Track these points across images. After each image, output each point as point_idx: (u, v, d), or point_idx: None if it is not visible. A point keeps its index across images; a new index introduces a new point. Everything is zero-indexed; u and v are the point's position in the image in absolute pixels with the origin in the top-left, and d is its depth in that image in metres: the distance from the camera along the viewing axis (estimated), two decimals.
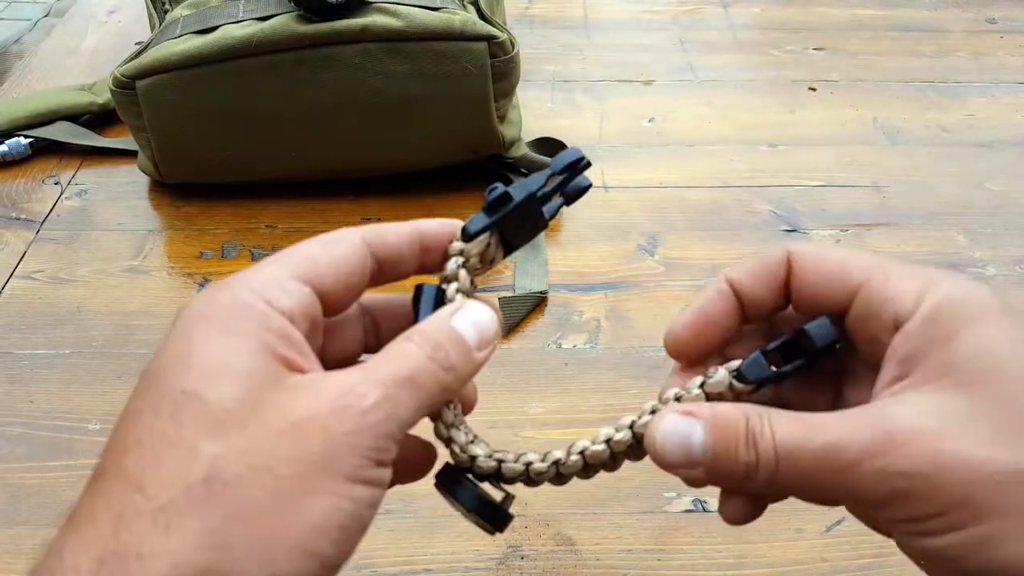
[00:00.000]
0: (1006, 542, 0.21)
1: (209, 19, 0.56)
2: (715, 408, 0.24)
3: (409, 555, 0.38)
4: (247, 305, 0.23)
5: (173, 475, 0.20)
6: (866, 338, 0.25)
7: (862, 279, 0.25)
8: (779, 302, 0.27)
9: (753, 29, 0.85)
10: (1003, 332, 0.23)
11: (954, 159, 0.66)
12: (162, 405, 0.22)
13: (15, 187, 0.61)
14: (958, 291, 0.23)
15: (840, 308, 0.25)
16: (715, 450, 0.24)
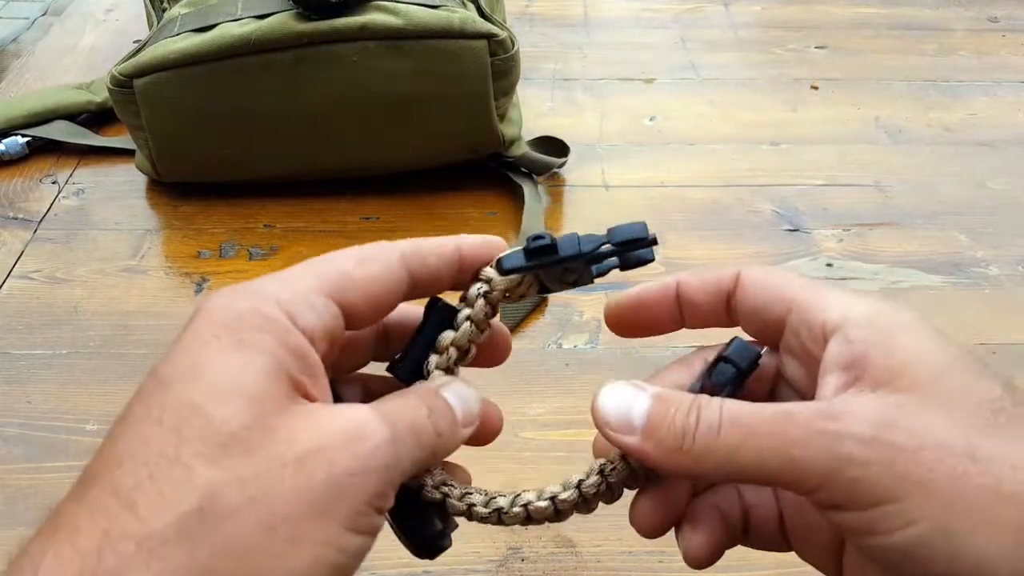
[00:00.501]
0: (973, 535, 0.20)
1: (207, 17, 0.55)
2: (665, 388, 0.25)
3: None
4: (268, 319, 0.22)
5: (167, 499, 0.19)
6: (799, 350, 0.25)
7: (796, 295, 0.25)
8: (720, 315, 0.27)
9: (755, 27, 0.84)
10: (935, 340, 0.23)
11: (956, 158, 0.66)
12: (164, 416, 0.21)
13: (12, 186, 0.61)
14: (885, 304, 0.24)
15: (778, 321, 0.26)
16: (654, 414, 0.23)
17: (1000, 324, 0.51)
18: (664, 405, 0.23)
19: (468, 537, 0.39)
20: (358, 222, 0.58)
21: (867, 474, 0.21)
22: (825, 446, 0.21)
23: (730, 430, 0.22)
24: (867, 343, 0.23)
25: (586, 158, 0.64)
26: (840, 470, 0.21)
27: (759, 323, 0.27)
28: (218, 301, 0.23)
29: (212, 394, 0.21)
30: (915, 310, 0.24)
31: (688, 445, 0.23)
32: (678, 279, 0.28)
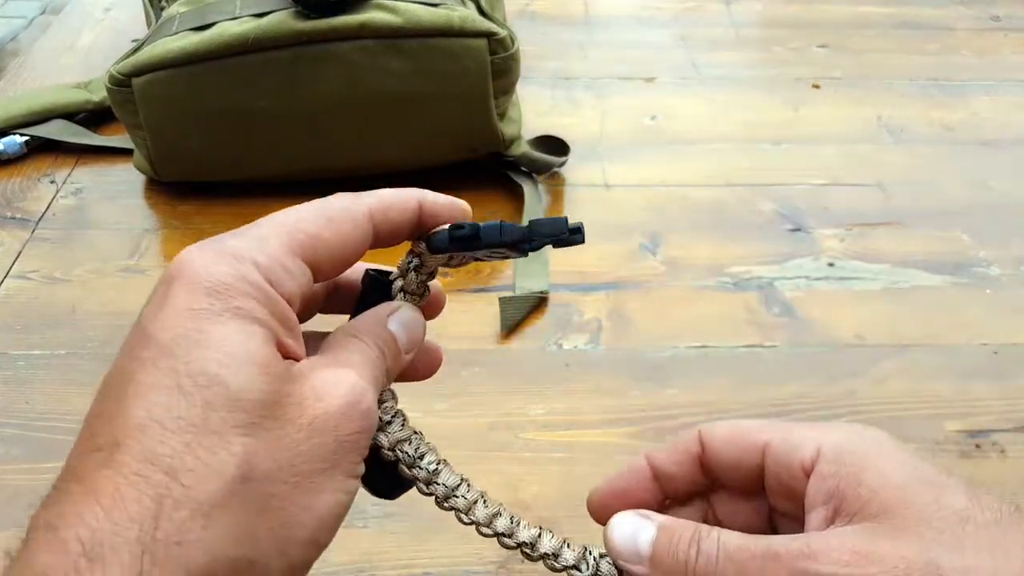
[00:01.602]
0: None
1: (206, 16, 0.55)
2: (670, 517, 0.27)
3: (408, 558, 0.38)
4: (255, 286, 0.23)
5: (209, 468, 0.21)
6: (784, 492, 0.27)
7: (766, 439, 0.27)
8: (697, 480, 0.29)
9: (756, 26, 0.84)
10: (899, 459, 0.25)
11: (958, 158, 0.66)
12: (181, 384, 0.21)
13: (10, 186, 0.61)
14: (853, 432, 0.27)
15: (755, 469, 0.28)
16: (658, 545, 0.26)
17: (1001, 324, 0.51)
18: (668, 535, 0.26)
19: (469, 538, 0.38)
20: None
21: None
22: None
23: (725, 564, 0.25)
24: (838, 476, 0.25)
25: (586, 157, 0.64)
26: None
27: (736, 477, 0.28)
28: (197, 263, 0.23)
29: (226, 364, 0.22)
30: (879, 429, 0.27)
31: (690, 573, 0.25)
32: (646, 456, 0.29)
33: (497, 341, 0.49)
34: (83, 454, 0.21)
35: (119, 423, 0.21)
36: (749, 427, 0.28)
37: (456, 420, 0.44)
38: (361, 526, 0.39)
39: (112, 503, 0.20)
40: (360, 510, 0.39)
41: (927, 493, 0.24)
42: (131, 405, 0.21)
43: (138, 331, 0.23)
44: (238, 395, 0.21)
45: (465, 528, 0.39)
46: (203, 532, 0.20)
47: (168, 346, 0.22)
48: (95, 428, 0.22)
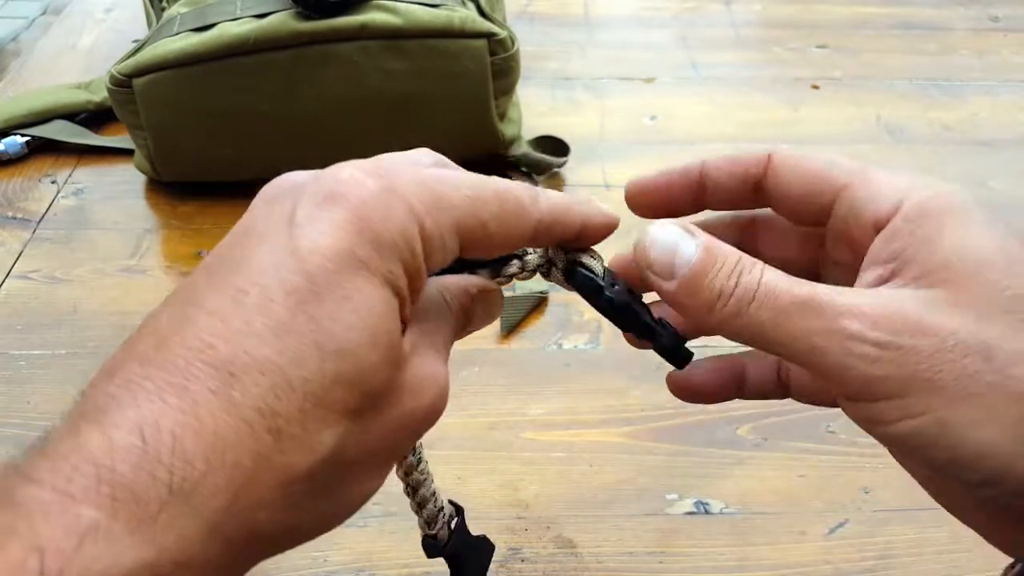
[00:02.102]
0: (973, 428, 0.21)
1: (207, 16, 0.55)
2: (717, 240, 0.24)
3: (408, 558, 0.38)
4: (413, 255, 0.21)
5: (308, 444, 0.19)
6: (847, 243, 0.25)
7: (845, 182, 0.25)
8: (748, 197, 0.27)
9: (755, 26, 0.84)
10: (984, 230, 0.23)
11: (957, 158, 0.66)
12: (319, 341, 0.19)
13: (11, 186, 0.61)
14: (939, 192, 0.23)
15: (822, 210, 0.25)
16: (697, 265, 0.23)
17: None
18: (710, 259, 0.23)
19: None
20: None
21: (877, 373, 0.21)
22: (842, 343, 0.21)
23: (762, 304, 0.22)
24: (912, 238, 0.23)
25: (586, 157, 0.64)
26: (853, 367, 0.21)
27: (796, 209, 0.26)
28: (367, 196, 0.21)
29: (365, 342, 0.20)
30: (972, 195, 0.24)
31: (720, 307, 0.23)
32: (704, 161, 0.27)
33: (497, 341, 0.49)
34: (189, 355, 0.19)
35: (240, 347, 0.19)
36: (825, 164, 0.25)
37: (456, 420, 0.44)
38: (361, 526, 0.39)
39: (213, 443, 0.18)
40: (361, 510, 0.39)
41: (1002, 269, 0.22)
42: (259, 334, 0.19)
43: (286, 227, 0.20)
44: (361, 378, 0.20)
45: None
46: (279, 502, 0.19)
47: (317, 287, 0.19)
48: (206, 322, 0.19)
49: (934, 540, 0.38)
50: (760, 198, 0.27)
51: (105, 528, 0.17)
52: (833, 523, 0.40)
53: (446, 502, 0.31)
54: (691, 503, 0.40)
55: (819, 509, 0.40)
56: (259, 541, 0.20)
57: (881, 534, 0.39)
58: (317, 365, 0.19)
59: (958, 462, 0.21)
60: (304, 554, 0.38)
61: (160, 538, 0.17)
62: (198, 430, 0.18)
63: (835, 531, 0.39)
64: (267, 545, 0.20)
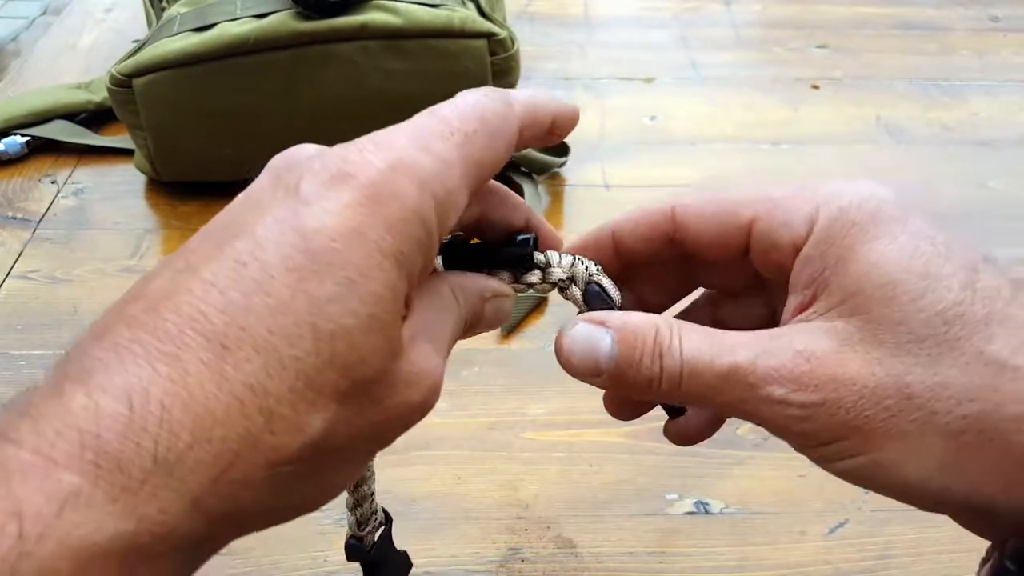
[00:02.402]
0: (903, 465, 0.22)
1: (207, 16, 0.55)
2: (626, 318, 0.24)
3: None
4: (427, 231, 0.20)
5: (297, 425, 0.19)
6: (774, 269, 0.25)
7: (751, 216, 0.25)
8: (664, 252, 0.27)
9: (755, 26, 0.84)
10: (900, 241, 0.22)
11: (957, 158, 0.66)
12: (316, 323, 0.19)
13: (11, 186, 0.61)
14: (851, 202, 0.23)
15: (739, 248, 0.25)
16: (620, 359, 0.23)
17: None
18: (628, 351, 0.23)
19: (468, 538, 0.39)
20: None
21: (808, 428, 0.22)
22: (771, 408, 0.23)
23: (692, 382, 0.23)
24: (823, 261, 0.23)
25: (586, 157, 0.64)
26: (786, 426, 0.23)
27: (714, 253, 0.26)
28: (377, 175, 0.20)
29: (364, 324, 0.19)
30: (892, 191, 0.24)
31: (656, 388, 0.23)
32: (612, 229, 0.27)
33: (497, 341, 0.49)
34: (183, 324, 0.18)
35: (234, 321, 0.18)
36: (731, 202, 0.25)
37: (456, 420, 0.44)
38: None
39: (201, 417, 0.18)
40: None
41: (915, 288, 0.22)
42: (255, 310, 0.19)
43: (291, 203, 0.20)
44: (355, 364, 0.19)
45: (465, 528, 0.40)
46: (264, 482, 0.19)
47: (319, 267, 0.19)
48: (202, 292, 0.19)
49: (934, 540, 0.38)
50: (677, 249, 0.27)
51: (87, 495, 0.17)
52: (833, 523, 0.40)
53: (380, 508, 0.31)
54: (691, 503, 0.40)
55: (819, 509, 0.40)
56: (240, 518, 0.19)
57: (881, 534, 0.39)
58: (312, 346, 0.19)
59: (901, 492, 0.23)
60: (304, 554, 0.38)
61: (141, 509, 0.17)
62: (187, 402, 0.18)
63: (835, 531, 0.39)
64: (247, 523, 0.20)
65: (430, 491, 0.41)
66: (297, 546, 0.38)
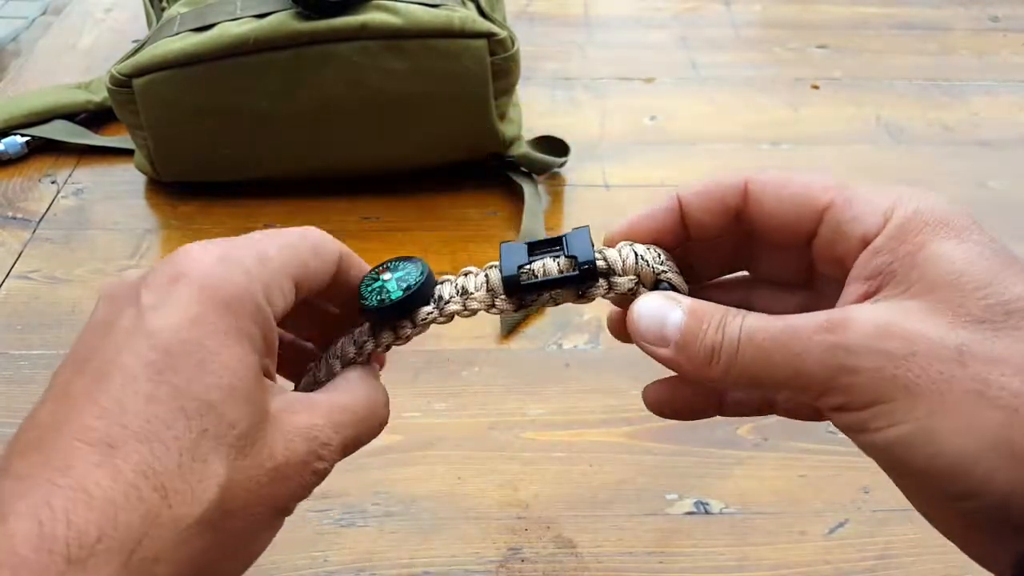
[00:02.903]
0: (952, 437, 0.21)
1: (206, 16, 0.55)
2: (699, 301, 0.25)
3: (408, 558, 0.38)
4: (257, 307, 0.24)
5: (194, 493, 0.21)
6: (834, 261, 0.25)
7: (827, 201, 0.25)
8: (729, 227, 0.27)
9: (755, 26, 0.84)
10: (964, 243, 0.23)
11: (957, 158, 0.66)
12: (184, 406, 0.22)
13: (11, 186, 0.61)
14: (925, 206, 0.24)
15: (807, 233, 0.25)
16: (687, 329, 0.24)
17: None
18: (696, 320, 0.24)
19: (468, 538, 0.39)
20: (358, 222, 0.58)
21: (858, 381, 0.22)
22: (822, 357, 0.22)
23: (746, 348, 0.23)
24: (893, 254, 0.23)
25: (586, 157, 0.64)
26: (835, 378, 0.22)
27: (780, 233, 0.26)
28: (207, 268, 0.23)
29: (227, 397, 0.22)
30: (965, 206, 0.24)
31: (715, 363, 0.24)
32: (679, 196, 0.27)
33: (497, 341, 0.49)
34: (70, 440, 0.21)
35: (114, 422, 0.21)
36: (808, 184, 0.25)
37: (456, 420, 0.44)
38: (361, 526, 0.39)
39: (104, 510, 0.20)
40: (360, 510, 0.40)
41: (978, 280, 0.22)
42: (129, 408, 0.21)
43: (134, 314, 0.23)
44: (229, 429, 0.22)
45: (465, 528, 0.40)
46: (175, 553, 0.21)
47: (173, 358, 0.22)
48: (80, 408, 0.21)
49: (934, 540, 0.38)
50: (743, 225, 0.27)
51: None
52: (833, 523, 0.40)
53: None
54: (691, 503, 0.40)
55: (819, 509, 0.40)
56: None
57: (881, 534, 0.39)
58: (185, 424, 0.21)
59: (940, 471, 0.21)
60: (304, 554, 0.38)
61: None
62: (88, 502, 0.20)
63: (835, 531, 0.39)
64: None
65: (430, 491, 0.41)
66: (297, 546, 0.38)
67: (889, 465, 0.23)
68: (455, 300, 0.28)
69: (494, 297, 0.27)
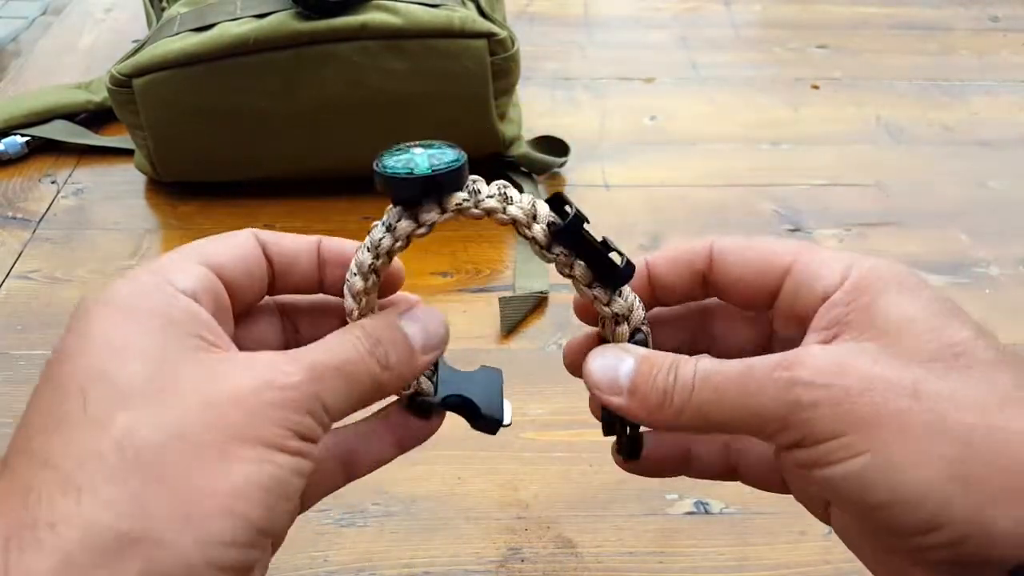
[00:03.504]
0: (908, 469, 0.21)
1: (206, 17, 0.55)
2: (648, 350, 0.26)
3: (408, 558, 0.38)
4: (149, 286, 0.23)
5: (82, 447, 0.20)
6: (794, 318, 0.26)
7: (789, 263, 0.26)
8: (694, 291, 0.28)
9: (755, 27, 0.84)
10: (914, 296, 0.24)
11: (957, 158, 0.66)
12: (68, 388, 0.21)
13: (11, 186, 0.61)
14: (881, 264, 0.25)
15: (769, 294, 0.26)
16: (637, 374, 0.25)
17: (1001, 324, 0.51)
18: (647, 366, 0.25)
19: (468, 538, 0.39)
20: (358, 222, 0.58)
21: (816, 415, 0.22)
22: (778, 394, 0.23)
23: (701, 389, 0.24)
24: (850, 307, 0.24)
25: (586, 158, 0.64)
26: (793, 413, 0.23)
27: (745, 295, 0.27)
28: (96, 293, 0.23)
29: (110, 358, 0.21)
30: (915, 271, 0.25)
31: (668, 404, 0.24)
32: (648, 262, 0.28)
33: (497, 341, 0.49)
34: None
35: (12, 447, 0.21)
36: (771, 247, 0.26)
37: (456, 420, 0.44)
38: (361, 526, 0.39)
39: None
40: (360, 510, 0.40)
41: (932, 323, 0.23)
42: (25, 424, 0.21)
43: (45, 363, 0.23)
44: (120, 383, 0.21)
45: (465, 528, 0.40)
46: (77, 507, 0.19)
47: (58, 360, 0.22)
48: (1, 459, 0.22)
49: None
50: (708, 290, 0.28)
51: None
52: None
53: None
54: (691, 503, 0.40)
55: None
56: None
57: None
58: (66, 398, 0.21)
59: (900, 501, 0.22)
60: (304, 554, 0.38)
61: None
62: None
63: None
64: None
65: (430, 491, 0.41)
66: (297, 546, 0.38)
67: (847, 499, 0.23)
68: (495, 197, 0.25)
69: (533, 218, 0.25)
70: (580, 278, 0.26)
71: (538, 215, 0.26)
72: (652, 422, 0.25)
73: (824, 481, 0.23)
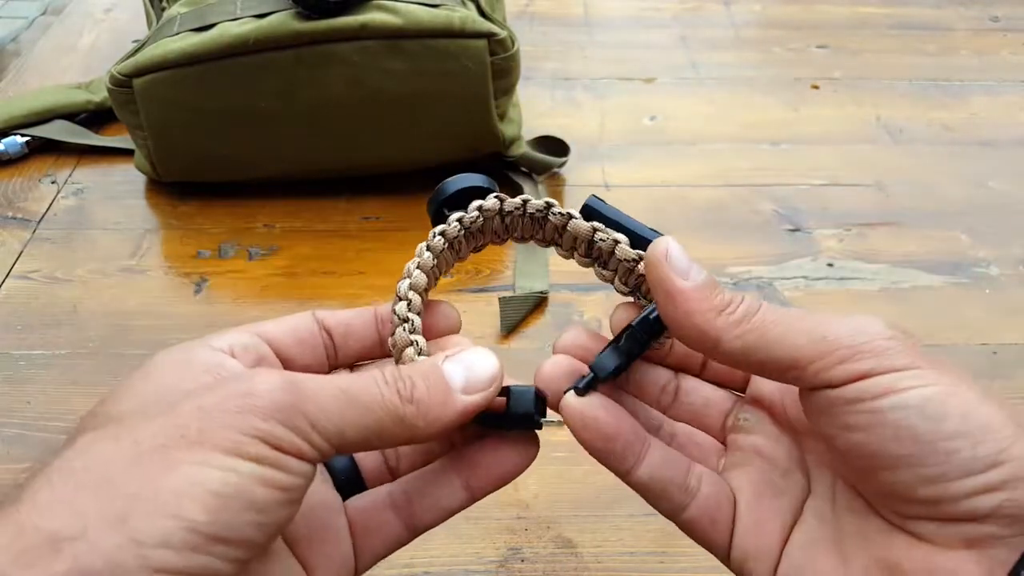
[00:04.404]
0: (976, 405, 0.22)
1: (206, 17, 0.55)
2: None
3: (408, 558, 0.38)
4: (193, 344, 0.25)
5: (47, 468, 0.21)
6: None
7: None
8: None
9: (755, 27, 0.84)
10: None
11: (957, 158, 0.66)
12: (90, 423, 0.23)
13: (11, 186, 0.61)
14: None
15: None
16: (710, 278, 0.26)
17: (1001, 324, 0.51)
18: (716, 283, 0.26)
19: (468, 538, 0.39)
20: (358, 222, 0.58)
21: (893, 347, 0.23)
22: (855, 325, 0.24)
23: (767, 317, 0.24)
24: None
25: (586, 158, 0.64)
26: (871, 341, 0.23)
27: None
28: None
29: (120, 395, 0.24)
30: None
31: (729, 313, 0.24)
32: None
33: (497, 341, 0.49)
34: None
35: None
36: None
37: None
38: None
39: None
40: None
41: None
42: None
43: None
44: (112, 412, 0.23)
45: (465, 528, 0.40)
46: (16, 515, 0.20)
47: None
48: None
49: None
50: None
51: None
52: None
53: None
54: None
55: None
56: None
57: None
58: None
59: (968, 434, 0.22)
60: None
61: None
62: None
63: None
64: None
65: None
66: None
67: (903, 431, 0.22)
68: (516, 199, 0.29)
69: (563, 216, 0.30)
70: (615, 275, 0.31)
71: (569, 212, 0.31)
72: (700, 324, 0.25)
73: (880, 413, 0.23)
